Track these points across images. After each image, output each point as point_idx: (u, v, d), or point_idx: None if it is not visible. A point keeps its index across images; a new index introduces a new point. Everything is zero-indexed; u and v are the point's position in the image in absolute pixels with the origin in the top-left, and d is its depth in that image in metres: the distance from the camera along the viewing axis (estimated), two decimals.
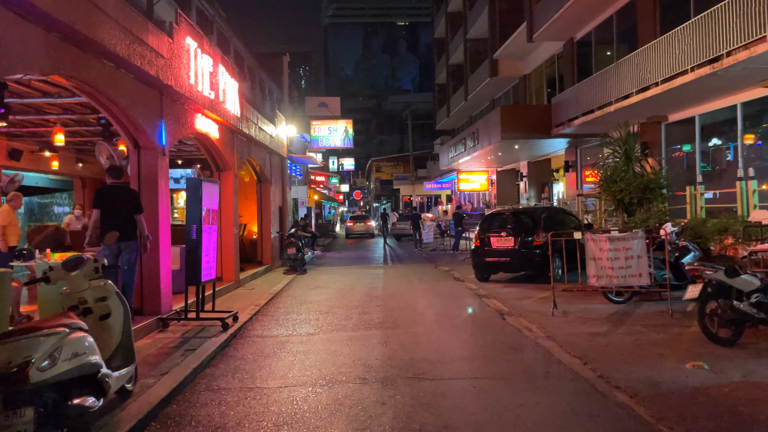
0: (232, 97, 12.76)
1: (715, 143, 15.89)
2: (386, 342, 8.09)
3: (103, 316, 5.20)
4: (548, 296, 11.18)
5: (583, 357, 6.89)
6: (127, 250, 8.33)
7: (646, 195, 13.51)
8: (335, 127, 34.99)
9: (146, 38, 8.19)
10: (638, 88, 15.30)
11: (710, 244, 11.83)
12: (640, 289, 9.68)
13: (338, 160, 63.46)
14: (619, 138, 14.41)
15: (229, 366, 7.08)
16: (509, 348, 7.60)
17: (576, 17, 20.13)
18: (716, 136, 15.89)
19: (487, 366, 6.76)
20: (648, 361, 6.67)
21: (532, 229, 13.65)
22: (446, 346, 7.82)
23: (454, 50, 39.77)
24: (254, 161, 16.94)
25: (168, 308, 9.40)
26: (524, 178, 29.42)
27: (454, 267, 18.07)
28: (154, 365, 6.78)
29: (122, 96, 7.97)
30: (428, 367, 6.74)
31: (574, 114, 19.47)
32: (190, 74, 9.98)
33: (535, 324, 8.96)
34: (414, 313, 10.41)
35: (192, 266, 8.99)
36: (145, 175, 9.10)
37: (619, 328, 8.44)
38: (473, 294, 12.50)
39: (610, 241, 9.42)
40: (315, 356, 7.42)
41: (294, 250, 18.11)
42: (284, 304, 11.74)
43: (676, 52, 13.54)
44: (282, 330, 9.20)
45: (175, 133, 9.91)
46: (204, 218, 9.09)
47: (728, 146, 15.76)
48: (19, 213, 17.36)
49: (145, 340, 8.16)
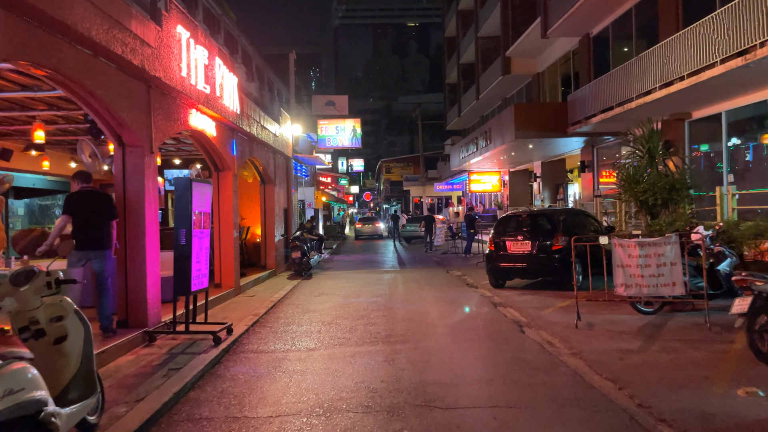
0: (230, 93, 12.00)
1: (745, 141, 15.00)
2: (393, 359, 7.29)
3: (58, 339, 4.43)
4: (569, 305, 10.36)
5: (616, 379, 6.05)
6: (98, 260, 7.62)
7: (672, 196, 12.63)
8: (343, 127, 34.12)
9: (129, 24, 7.43)
10: (662, 83, 14.46)
11: (744, 248, 10.97)
12: (673, 299, 8.82)
13: (347, 161, 62.68)
14: (642, 135, 13.55)
15: (216, 389, 6.29)
16: (531, 368, 6.76)
17: (592, 12, 19.30)
18: (745, 133, 15.01)
19: (508, 391, 5.92)
20: (692, 385, 5.82)
21: (551, 232, 12.79)
22: (460, 365, 7.00)
23: (465, 49, 38.97)
24: (257, 161, 16.18)
25: (156, 320, 8.64)
26: (538, 179, 28.56)
27: (466, 272, 17.23)
28: (131, 388, 6.01)
29: (101, 87, 7.21)
30: (441, 391, 5.92)
31: (591, 111, 18.65)
32: (181, 66, 9.22)
33: (558, 338, 8.13)
34: (424, 325, 9.59)
35: (181, 274, 8.23)
36: (131, 174, 8.33)
37: (653, 343, 7.59)
38: (488, 302, 11.66)
39: (640, 246, 8.57)
40: (313, 377, 6.61)
41: (299, 254, 17.33)
42: (285, 314, 10.95)
43: (703, 43, 12.71)
44: (280, 344, 8.40)
45: (165, 129, 9.15)
46: (195, 222, 8.33)
47: (748, 145, 14.93)
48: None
49: (128, 357, 7.40)
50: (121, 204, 8.32)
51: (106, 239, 7.71)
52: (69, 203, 7.71)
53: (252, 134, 14.39)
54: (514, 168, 32.35)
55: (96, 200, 7.80)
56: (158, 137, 8.85)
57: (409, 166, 66.94)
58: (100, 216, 7.71)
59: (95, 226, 7.64)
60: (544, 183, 28.07)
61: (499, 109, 32.70)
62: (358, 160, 68.48)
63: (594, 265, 9.96)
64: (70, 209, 7.63)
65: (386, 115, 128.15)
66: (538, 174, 28.53)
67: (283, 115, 19.81)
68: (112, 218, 7.84)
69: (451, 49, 45.36)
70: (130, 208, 8.32)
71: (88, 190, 7.87)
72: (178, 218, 8.27)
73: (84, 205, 7.66)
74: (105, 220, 7.75)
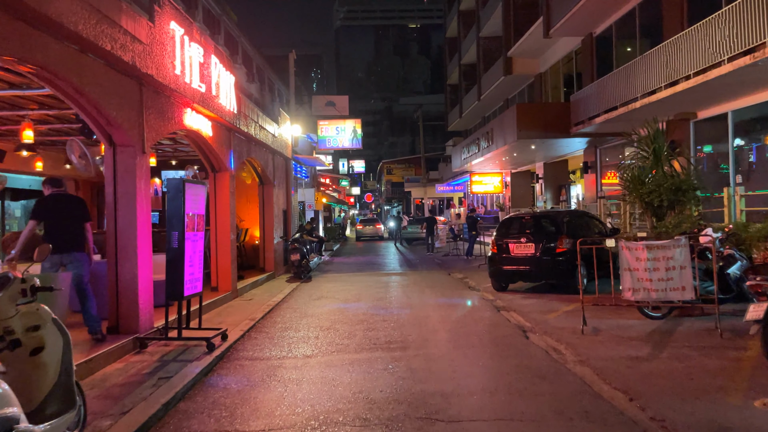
0: (227, 92, 11.73)
1: (749, 142, 14.72)
2: (393, 367, 7.01)
3: (35, 350, 4.16)
4: (574, 309, 10.10)
5: (627, 389, 5.77)
6: (73, 264, 7.40)
7: (678, 197, 12.33)
8: (343, 127, 33.81)
9: (118, 19, 7.17)
10: (667, 82, 14.18)
11: (753, 251, 10.68)
12: (682, 303, 8.53)
13: (348, 163, 62.39)
14: (647, 136, 13.26)
15: (207, 399, 6.01)
16: (537, 376, 6.48)
17: (595, 10, 19.00)
18: (749, 134, 14.73)
19: (513, 402, 5.64)
20: (707, 396, 5.54)
21: (555, 234, 12.50)
22: (463, 373, 6.72)
23: (466, 49, 38.71)
24: (255, 162, 15.91)
25: (148, 326, 8.37)
26: (540, 180, 28.27)
27: (468, 274, 16.94)
28: (117, 399, 5.74)
29: (90, 84, 6.94)
30: (442, 402, 5.64)
31: (594, 112, 18.35)
32: (175, 63, 8.95)
33: (564, 344, 7.85)
34: (425, 330, 9.31)
35: (173, 279, 7.95)
36: (122, 175, 8.06)
37: (663, 350, 7.30)
38: (490, 306, 11.39)
39: (649, 249, 8.28)
40: (309, 387, 6.33)
41: (298, 256, 17.05)
42: (282, 318, 10.68)
43: (709, 42, 12.43)
44: (276, 350, 8.13)
45: (158, 128, 8.88)
46: (188, 224, 8.06)
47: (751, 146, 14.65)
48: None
49: (117, 365, 7.12)
50: (111, 205, 8.06)
51: (79, 242, 7.57)
52: (38, 208, 7.57)
53: (250, 134, 14.13)
54: (516, 169, 32.06)
55: (67, 203, 7.68)
56: (151, 137, 8.58)
57: (411, 167, 66.59)
58: (72, 219, 7.56)
59: (67, 230, 7.47)
60: (546, 184, 27.78)
61: (501, 110, 32.43)
62: (359, 162, 68.22)
63: (599, 268, 9.64)
64: (39, 214, 7.48)
65: (387, 117, 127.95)
66: (541, 175, 28.24)
67: (282, 116, 19.54)
68: (84, 221, 7.67)
69: (453, 49, 45.12)
70: (121, 209, 8.05)
71: (59, 194, 7.72)
72: (170, 220, 7.99)
73: (55, 208, 7.53)
74: (77, 223, 7.59)
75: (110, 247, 8.05)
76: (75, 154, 8.39)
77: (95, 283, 8.54)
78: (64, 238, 7.36)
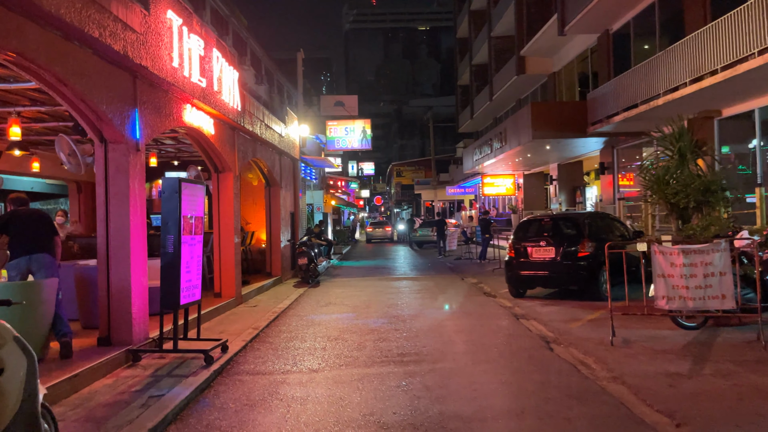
0: (230, 88, 11.15)
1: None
2: (407, 384, 6.37)
3: None
4: (599, 318, 9.46)
5: (671, 413, 5.12)
6: (42, 271, 7.00)
7: (707, 198, 11.65)
8: (352, 128, 33.17)
9: (108, 5, 6.59)
10: (692, 78, 13.49)
11: None
12: (722, 313, 7.85)
13: (358, 165, 61.87)
14: (672, 134, 12.58)
15: (201, 422, 5.40)
16: (567, 396, 5.82)
17: (613, 6, 18.36)
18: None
19: (543, 428, 4.97)
20: (764, 421, 4.88)
21: (576, 237, 11.83)
22: (484, 392, 6.07)
23: (477, 50, 38.08)
24: (261, 162, 15.33)
25: (142, 336, 7.78)
26: (554, 182, 27.54)
27: (482, 279, 16.27)
28: (100, 422, 5.14)
29: (75, 75, 6.37)
30: (463, 428, 4.99)
31: (613, 110, 17.66)
32: (173, 55, 8.37)
33: (592, 357, 7.20)
34: (440, 341, 8.66)
35: (169, 286, 7.36)
36: (114, 174, 7.49)
37: (704, 366, 6.63)
38: (509, 314, 10.73)
39: (685, 254, 7.61)
40: (315, 407, 5.71)
41: (306, 260, 16.45)
42: (288, 327, 10.06)
43: (737, 35, 11.76)
44: (279, 364, 7.51)
45: (154, 125, 8.30)
46: (185, 227, 7.47)
47: None
48: None
49: (106, 380, 6.53)
50: (103, 207, 7.50)
51: (47, 246, 7.15)
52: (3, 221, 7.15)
53: (255, 133, 13.55)
54: (529, 170, 31.36)
55: (31, 216, 7.30)
56: (146, 134, 8.00)
57: (421, 169, 65.93)
58: (38, 229, 7.19)
59: (31, 237, 7.08)
60: (560, 186, 27.05)
61: (513, 111, 31.74)
62: (368, 164, 67.71)
63: (620, 274, 8.85)
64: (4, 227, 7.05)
65: (397, 119, 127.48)
66: (555, 176, 27.51)
67: (289, 115, 18.97)
68: (53, 234, 7.30)
69: (463, 50, 44.53)
70: (113, 211, 7.48)
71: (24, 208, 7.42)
72: (165, 222, 7.40)
73: (18, 219, 7.16)
74: (44, 232, 7.22)
75: (101, 251, 7.48)
76: (64, 151, 7.82)
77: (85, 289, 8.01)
78: (30, 243, 6.98)
